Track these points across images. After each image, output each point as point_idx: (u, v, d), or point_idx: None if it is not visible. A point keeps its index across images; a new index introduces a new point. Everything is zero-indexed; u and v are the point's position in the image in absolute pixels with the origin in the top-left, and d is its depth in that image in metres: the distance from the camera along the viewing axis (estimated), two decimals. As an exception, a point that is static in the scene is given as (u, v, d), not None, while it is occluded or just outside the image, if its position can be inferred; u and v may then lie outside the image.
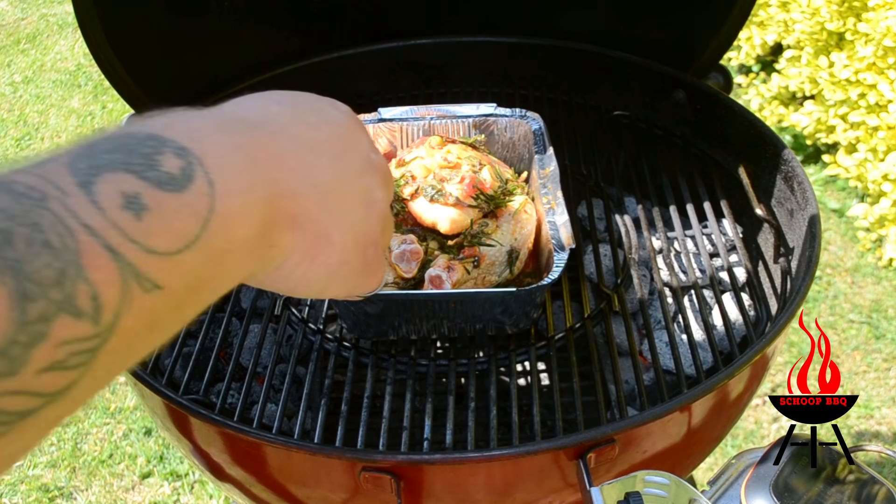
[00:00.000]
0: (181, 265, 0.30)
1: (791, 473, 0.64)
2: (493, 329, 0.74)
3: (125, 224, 0.28)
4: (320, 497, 0.64)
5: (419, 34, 1.05)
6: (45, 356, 0.25)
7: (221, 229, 0.32)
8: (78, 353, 0.26)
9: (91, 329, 0.26)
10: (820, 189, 2.24)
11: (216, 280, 0.33)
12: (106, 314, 0.27)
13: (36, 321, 0.24)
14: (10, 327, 0.24)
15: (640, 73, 0.99)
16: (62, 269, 0.26)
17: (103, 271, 0.27)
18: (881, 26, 1.95)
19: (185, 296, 0.31)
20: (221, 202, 0.32)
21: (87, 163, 0.28)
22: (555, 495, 0.62)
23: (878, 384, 1.74)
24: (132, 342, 0.29)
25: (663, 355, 0.76)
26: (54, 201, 0.26)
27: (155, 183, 0.29)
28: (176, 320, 0.31)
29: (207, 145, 0.32)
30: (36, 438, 0.26)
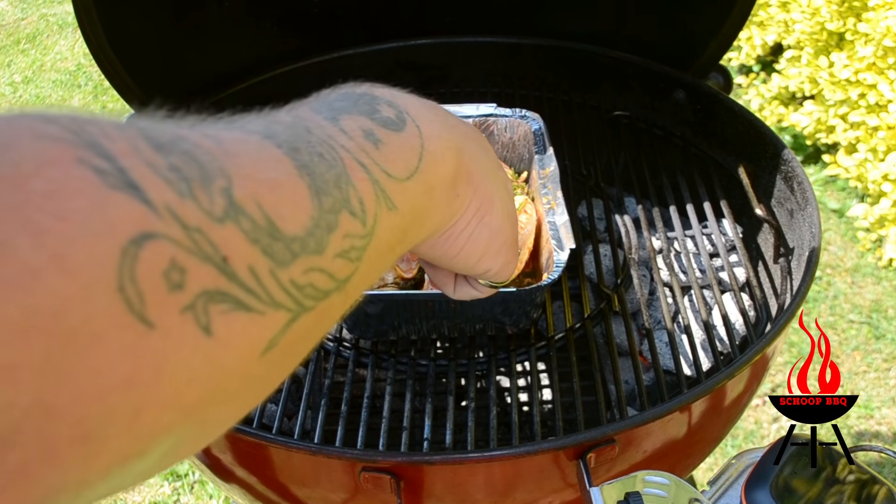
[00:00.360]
0: (408, 192, 0.34)
1: (791, 473, 0.64)
2: (493, 329, 0.74)
3: (369, 150, 0.32)
4: (320, 497, 0.64)
5: (419, 34, 1.05)
6: (337, 243, 0.28)
7: (431, 165, 0.36)
8: (354, 249, 0.29)
9: (361, 228, 0.30)
10: (820, 189, 2.24)
11: (424, 217, 0.37)
12: (369, 218, 0.30)
13: (328, 211, 0.28)
14: (314, 213, 0.27)
15: (640, 73, 0.99)
16: (337, 174, 0.29)
17: (363, 183, 0.30)
18: (881, 26, 1.95)
19: (406, 225, 0.34)
20: (428, 143, 0.36)
21: (325, 108, 0.33)
22: (555, 495, 0.62)
23: (878, 384, 1.74)
24: (376, 260, 0.31)
25: (663, 355, 0.76)
26: (315, 128, 0.30)
27: (381, 123, 0.34)
28: (394, 252, 0.34)
29: (408, 103, 0.37)
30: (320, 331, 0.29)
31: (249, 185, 0.24)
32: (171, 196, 0.21)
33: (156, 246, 0.20)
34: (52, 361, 0.18)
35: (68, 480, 0.19)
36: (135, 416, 0.20)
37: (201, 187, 0.22)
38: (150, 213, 0.21)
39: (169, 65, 0.94)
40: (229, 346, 0.23)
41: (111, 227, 0.20)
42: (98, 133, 0.21)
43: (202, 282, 0.22)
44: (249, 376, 0.24)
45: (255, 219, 0.24)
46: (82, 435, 0.19)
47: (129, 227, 0.20)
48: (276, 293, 0.24)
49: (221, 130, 0.26)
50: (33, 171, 0.19)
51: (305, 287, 0.26)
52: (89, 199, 0.19)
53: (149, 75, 0.89)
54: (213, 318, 0.22)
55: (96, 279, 0.19)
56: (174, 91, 0.94)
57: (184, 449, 0.24)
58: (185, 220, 0.21)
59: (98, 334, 0.19)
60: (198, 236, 0.22)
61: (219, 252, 0.22)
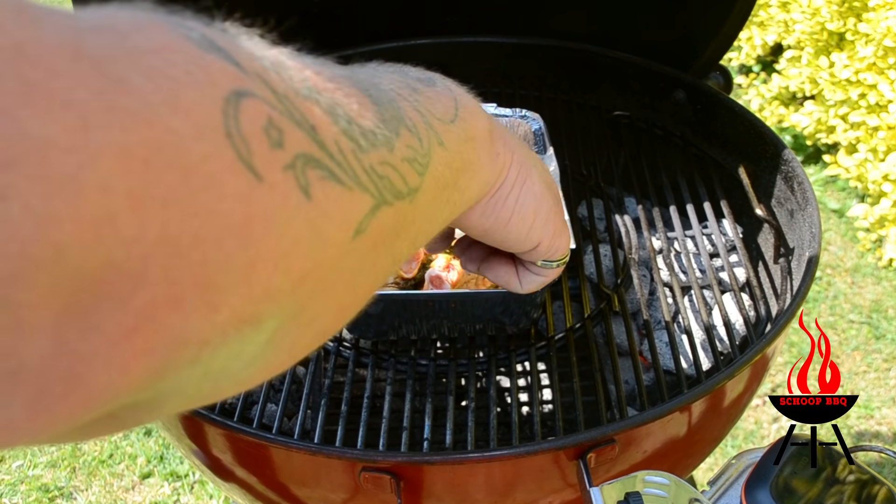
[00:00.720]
0: (451, 133, 0.34)
1: (791, 473, 0.64)
2: (493, 329, 0.74)
3: (408, 93, 0.32)
4: (320, 497, 0.64)
5: (419, 34, 1.05)
6: (402, 149, 0.28)
7: (468, 116, 0.36)
8: (417, 162, 0.29)
9: (419, 144, 0.30)
10: (820, 189, 2.24)
11: (471, 166, 0.37)
12: (423, 139, 0.30)
13: (390, 120, 0.28)
14: (377, 116, 0.27)
15: (640, 73, 0.99)
16: (389, 98, 0.29)
17: (412, 112, 0.31)
18: (881, 26, 1.95)
19: (456, 164, 0.34)
20: (461, 98, 0.37)
21: (361, 67, 0.33)
22: (555, 495, 0.62)
23: (878, 384, 1.74)
24: (437, 192, 0.32)
25: (663, 355, 0.76)
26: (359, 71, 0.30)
27: (414, 78, 0.35)
28: (449, 195, 0.34)
29: (434, 74, 0.38)
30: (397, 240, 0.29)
31: (318, 79, 0.25)
32: (258, 65, 0.22)
33: (253, 102, 0.21)
34: (175, 196, 0.18)
35: (190, 331, 0.19)
36: (250, 268, 0.20)
37: (277, 70, 0.23)
38: (243, 74, 0.21)
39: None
40: (327, 213, 0.23)
41: (212, 80, 0.20)
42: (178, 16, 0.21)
43: (299, 144, 0.22)
44: (343, 262, 0.24)
45: (330, 103, 0.24)
46: (204, 280, 0.19)
47: (228, 81, 0.20)
48: (360, 173, 0.24)
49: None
50: (134, 29, 0.19)
51: (384, 178, 0.26)
52: (187, 54, 0.20)
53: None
54: (312, 181, 0.22)
55: (208, 121, 0.19)
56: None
57: (285, 342, 0.24)
58: (273, 86, 0.22)
59: (214, 175, 0.19)
60: (287, 102, 0.22)
61: (308, 120, 0.22)
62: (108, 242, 0.17)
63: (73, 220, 0.16)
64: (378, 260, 0.28)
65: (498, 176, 0.41)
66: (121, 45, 0.18)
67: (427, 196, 0.30)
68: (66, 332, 0.17)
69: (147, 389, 0.20)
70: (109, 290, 0.17)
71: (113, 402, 0.19)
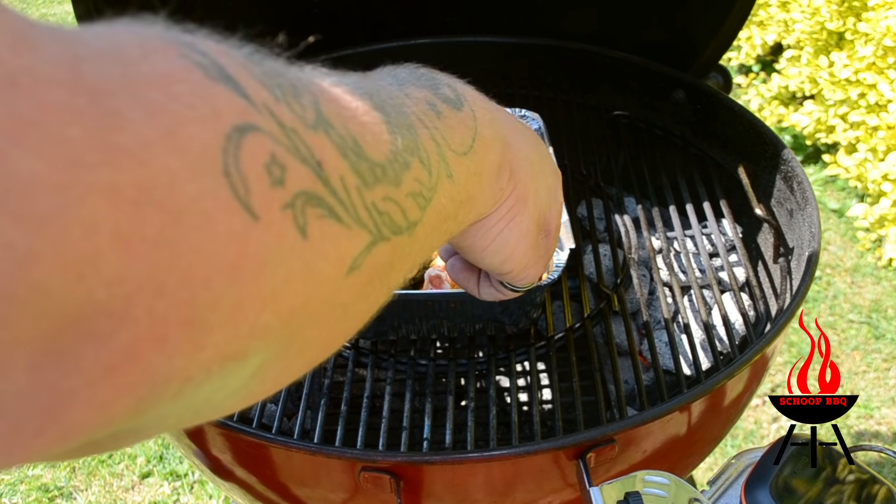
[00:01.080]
0: (462, 166, 0.34)
1: (791, 473, 0.64)
2: (493, 329, 0.74)
3: (431, 118, 0.32)
4: (320, 497, 0.64)
5: (419, 34, 1.05)
6: (410, 183, 0.28)
7: (482, 149, 0.36)
8: (422, 196, 0.29)
9: (427, 178, 0.30)
10: (820, 189, 2.24)
11: (472, 200, 0.37)
12: (433, 172, 0.30)
13: (403, 151, 0.28)
14: (393, 147, 0.27)
15: (640, 73, 0.99)
16: (407, 123, 0.29)
17: (427, 140, 0.31)
18: (881, 26, 1.95)
19: (460, 198, 0.34)
20: (481, 127, 0.37)
21: (389, 77, 0.34)
22: (554, 495, 0.62)
23: (878, 384, 1.74)
24: (435, 224, 0.31)
25: (663, 355, 0.76)
26: (383, 89, 0.31)
27: (442, 98, 0.35)
28: (447, 227, 0.34)
29: (465, 88, 0.38)
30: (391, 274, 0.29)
31: (334, 106, 0.24)
32: (267, 96, 0.21)
33: (257, 138, 0.20)
34: (165, 236, 0.18)
35: (173, 369, 0.19)
36: (237, 307, 0.20)
37: (292, 95, 0.22)
38: (250, 107, 0.20)
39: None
40: (321, 252, 0.22)
41: (216, 113, 0.19)
42: (192, 37, 0.21)
43: (301, 182, 0.21)
44: (335, 297, 0.24)
45: (342, 134, 0.24)
46: (189, 319, 0.19)
47: (232, 115, 0.20)
48: (360, 211, 0.24)
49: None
50: (140, 56, 0.19)
51: (384, 214, 0.26)
52: (193, 85, 0.19)
53: (148, 75, 0.88)
54: (310, 220, 0.22)
55: (205, 159, 0.19)
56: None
57: (270, 374, 0.24)
58: (281, 119, 0.21)
59: (207, 214, 0.19)
60: (294, 137, 0.21)
61: (314, 156, 0.22)
62: (91, 282, 0.16)
63: (55, 259, 0.16)
64: (371, 293, 0.27)
65: (489, 208, 0.41)
66: (122, 75, 0.18)
67: (426, 229, 0.30)
68: (45, 368, 0.17)
69: (126, 423, 0.19)
70: (90, 329, 0.17)
71: (90, 437, 0.19)
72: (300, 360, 0.25)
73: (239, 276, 0.19)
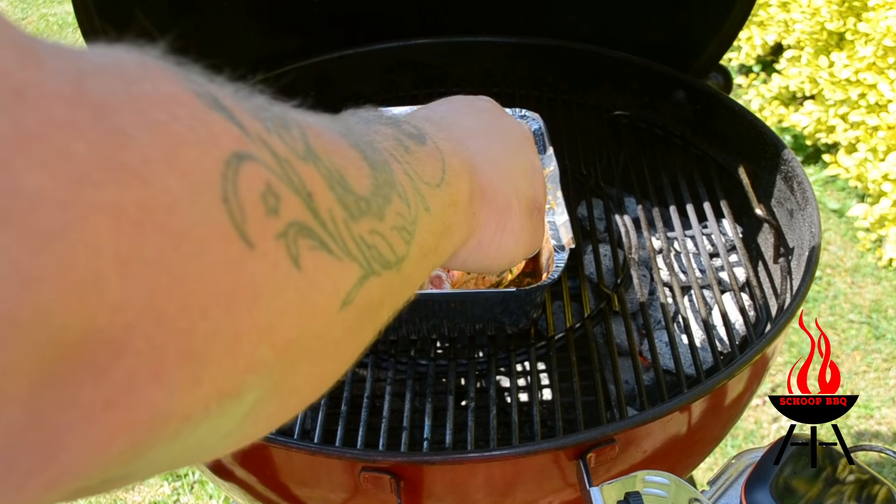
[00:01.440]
0: (437, 198, 0.34)
1: (791, 473, 0.64)
2: (493, 329, 0.74)
3: (401, 153, 0.32)
4: (320, 497, 0.64)
5: (419, 34, 1.05)
6: (393, 217, 0.28)
7: (452, 178, 0.36)
8: (405, 230, 0.29)
9: (408, 212, 0.29)
10: (820, 189, 2.24)
11: (451, 230, 0.37)
12: (412, 206, 0.30)
13: (383, 185, 0.28)
14: (374, 181, 0.27)
15: (640, 73, 0.99)
16: (383, 160, 0.29)
17: (402, 175, 0.31)
18: (881, 26, 1.95)
19: (438, 230, 0.34)
20: (448, 158, 0.37)
21: (358, 117, 0.34)
22: (555, 495, 0.62)
23: (878, 384, 1.74)
24: (420, 259, 0.31)
25: (663, 355, 0.76)
26: (354, 126, 0.31)
27: (407, 134, 0.34)
28: (429, 261, 0.34)
29: (422, 124, 0.38)
30: (383, 311, 0.29)
31: (321, 140, 0.24)
32: (260, 127, 0.21)
33: (253, 166, 0.20)
34: (164, 261, 0.17)
35: (173, 406, 0.18)
36: (234, 339, 0.19)
37: (282, 128, 0.22)
38: (245, 136, 0.20)
39: (169, 65, 0.94)
40: (315, 284, 0.22)
41: (215, 140, 0.19)
42: (187, 68, 0.21)
43: (294, 212, 0.21)
44: (328, 333, 0.24)
45: (329, 168, 0.24)
46: (188, 351, 0.18)
47: (230, 142, 0.20)
48: (349, 243, 0.24)
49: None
50: (142, 75, 0.19)
51: (372, 248, 0.26)
52: (193, 109, 0.19)
53: (149, 75, 0.88)
54: (302, 251, 0.21)
55: (205, 183, 0.18)
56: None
57: (264, 413, 0.23)
58: (275, 149, 0.21)
59: (206, 241, 0.18)
60: (287, 167, 0.21)
61: (305, 187, 0.22)
62: (92, 307, 0.16)
63: (59, 281, 0.15)
64: (362, 331, 0.27)
65: (472, 234, 0.42)
66: (126, 92, 0.18)
67: (412, 264, 0.30)
68: (41, 401, 0.16)
69: (123, 468, 0.19)
70: (89, 359, 0.16)
71: (84, 482, 0.18)
72: (292, 401, 0.25)
73: (235, 307, 0.19)
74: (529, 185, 0.47)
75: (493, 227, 0.43)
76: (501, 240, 0.43)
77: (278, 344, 0.21)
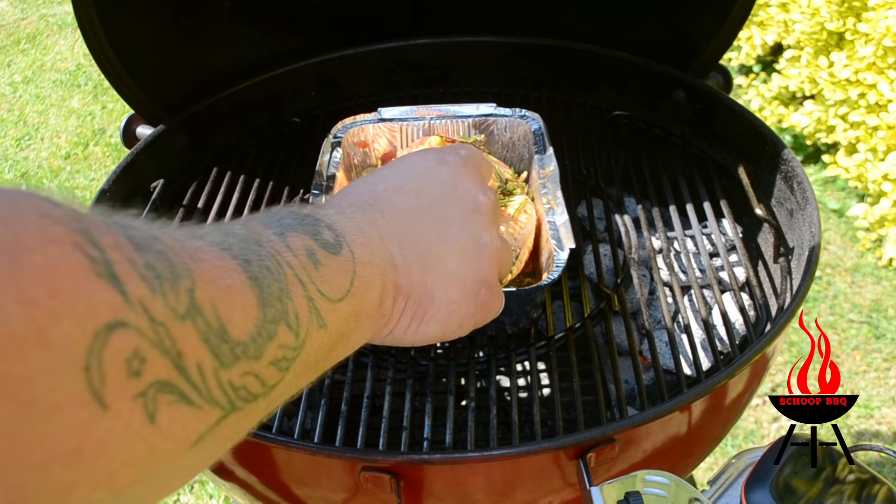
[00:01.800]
0: (338, 312, 0.36)
1: (791, 473, 0.64)
2: (493, 329, 0.74)
3: (309, 269, 0.34)
4: (320, 497, 0.64)
5: (419, 34, 1.05)
6: (273, 352, 0.30)
7: (360, 290, 0.38)
8: (286, 359, 0.31)
9: (294, 340, 0.32)
10: (820, 189, 2.24)
11: (350, 338, 0.39)
12: (301, 332, 0.32)
13: (270, 322, 0.30)
14: (259, 322, 0.29)
15: (640, 73, 0.99)
16: (280, 288, 0.31)
17: (300, 299, 0.33)
18: (881, 26, 1.95)
19: (332, 343, 0.36)
20: (360, 268, 0.39)
21: (275, 223, 0.35)
22: (555, 495, 0.62)
23: (878, 384, 1.74)
24: (301, 373, 0.33)
25: (663, 355, 0.76)
26: (265, 243, 0.33)
27: (322, 244, 0.36)
28: (320, 368, 0.36)
29: (344, 227, 0.40)
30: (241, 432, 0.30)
31: (209, 289, 0.27)
32: (145, 290, 0.24)
33: (125, 334, 0.22)
34: (9, 425, 0.19)
35: None
36: (69, 489, 0.21)
37: (170, 285, 0.25)
38: (125, 304, 0.23)
39: (169, 65, 0.94)
40: (168, 434, 0.24)
41: (91, 311, 0.22)
42: (91, 224, 0.23)
43: (157, 372, 0.24)
44: (176, 466, 0.26)
45: (209, 321, 0.26)
46: (17, 500, 0.20)
47: (106, 313, 0.22)
48: (215, 391, 0.26)
49: (187, 237, 0.29)
50: (36, 245, 0.21)
51: (240, 389, 0.28)
52: (78, 281, 0.21)
53: (148, 75, 0.89)
54: (160, 407, 0.24)
55: (69, 356, 0.21)
56: (174, 91, 0.94)
57: None
58: (153, 313, 0.24)
59: (57, 406, 0.20)
60: (161, 330, 0.24)
61: (175, 347, 0.24)
62: None
63: None
64: (215, 454, 0.29)
65: (381, 330, 0.44)
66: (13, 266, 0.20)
67: (287, 385, 0.32)
68: None
69: None
70: None
71: None
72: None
73: (77, 462, 0.21)
74: (472, 266, 0.48)
75: (407, 321, 0.45)
76: (419, 328, 0.45)
77: (117, 487, 0.23)
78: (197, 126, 0.95)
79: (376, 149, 0.86)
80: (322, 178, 0.78)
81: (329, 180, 0.78)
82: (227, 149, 0.99)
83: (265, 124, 1.03)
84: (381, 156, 0.86)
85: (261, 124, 1.03)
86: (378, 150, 0.86)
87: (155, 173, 0.90)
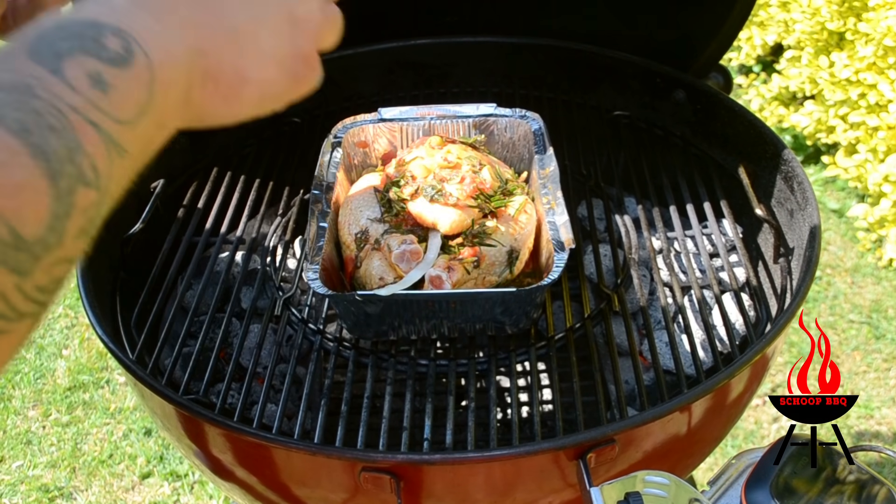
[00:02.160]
0: (138, 129, 0.34)
1: (791, 473, 0.64)
2: (493, 329, 0.74)
3: (97, 100, 0.32)
4: (320, 497, 0.64)
5: (419, 34, 1.05)
6: (76, 225, 0.29)
7: (161, 95, 0.36)
8: (92, 220, 0.30)
9: (97, 195, 0.30)
10: (820, 189, 2.24)
11: (157, 141, 0.37)
12: (103, 180, 0.31)
13: (66, 194, 0.28)
14: (53, 203, 0.27)
15: (640, 73, 0.99)
16: (69, 146, 0.29)
17: (94, 144, 0.31)
18: (881, 26, 1.95)
19: (139, 157, 0.35)
20: (160, 71, 0.35)
21: (48, 51, 0.32)
22: (555, 495, 0.62)
23: (878, 384, 1.74)
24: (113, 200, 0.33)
25: (663, 355, 0.76)
26: (40, 89, 0.30)
27: (108, 61, 0.33)
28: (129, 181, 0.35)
29: (135, 22, 0.36)
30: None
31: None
32: None
33: None
34: None
35: None
36: None
37: None
38: None
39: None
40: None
41: None
42: None
43: None
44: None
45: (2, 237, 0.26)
46: None
47: None
48: (21, 306, 0.26)
49: None
50: None
51: (48, 286, 0.28)
52: None
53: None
54: None
55: None
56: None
57: None
58: None
59: None
60: None
61: None
62: None
63: None
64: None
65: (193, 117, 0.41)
66: None
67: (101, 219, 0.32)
68: None
69: None
70: None
71: None
72: None
73: None
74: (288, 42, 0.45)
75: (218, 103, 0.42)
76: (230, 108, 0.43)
77: None
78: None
79: (376, 149, 0.86)
80: (322, 179, 0.78)
81: (329, 181, 0.78)
82: (227, 149, 0.99)
83: (265, 124, 1.03)
84: (382, 156, 0.86)
85: (261, 124, 1.03)
86: (378, 150, 0.86)
87: (155, 173, 0.90)
